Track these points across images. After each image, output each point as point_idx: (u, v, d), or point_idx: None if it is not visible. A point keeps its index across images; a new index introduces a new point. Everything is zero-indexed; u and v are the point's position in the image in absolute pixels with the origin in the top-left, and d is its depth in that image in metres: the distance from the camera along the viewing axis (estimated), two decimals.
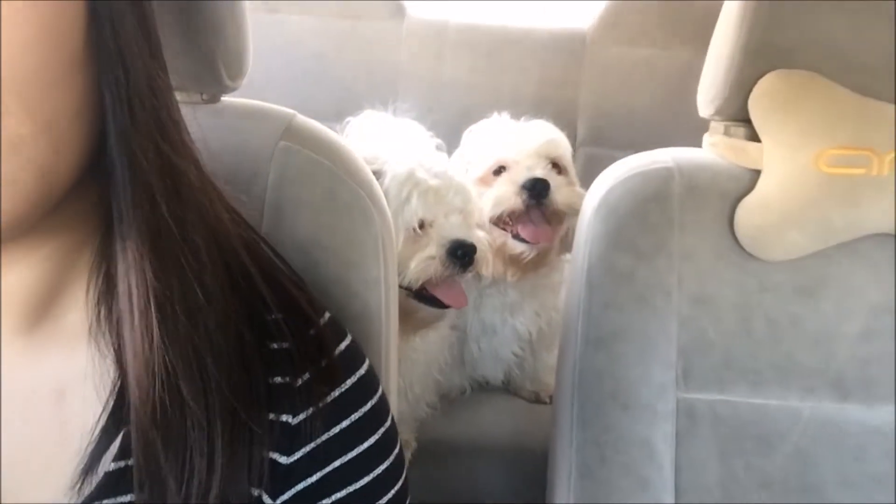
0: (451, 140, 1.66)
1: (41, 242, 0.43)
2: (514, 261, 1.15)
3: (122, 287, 0.42)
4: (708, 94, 0.81)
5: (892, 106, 0.74)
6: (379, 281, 0.65)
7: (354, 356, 0.52)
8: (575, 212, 1.15)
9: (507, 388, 1.33)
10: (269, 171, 0.65)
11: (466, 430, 1.19)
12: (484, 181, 1.18)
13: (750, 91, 0.77)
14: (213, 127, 0.64)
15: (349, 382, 0.50)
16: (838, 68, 0.75)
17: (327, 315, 0.53)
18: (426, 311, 0.98)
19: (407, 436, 1.12)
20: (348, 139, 1.24)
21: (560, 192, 1.13)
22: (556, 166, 1.18)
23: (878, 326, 0.78)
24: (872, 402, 0.78)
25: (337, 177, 0.66)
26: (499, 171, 1.17)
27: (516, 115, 1.72)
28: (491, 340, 1.24)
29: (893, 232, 0.76)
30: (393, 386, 0.70)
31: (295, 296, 0.50)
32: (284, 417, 0.47)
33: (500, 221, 1.15)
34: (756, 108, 0.77)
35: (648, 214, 0.78)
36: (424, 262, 0.94)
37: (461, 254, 0.96)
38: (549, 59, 1.74)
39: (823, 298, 0.78)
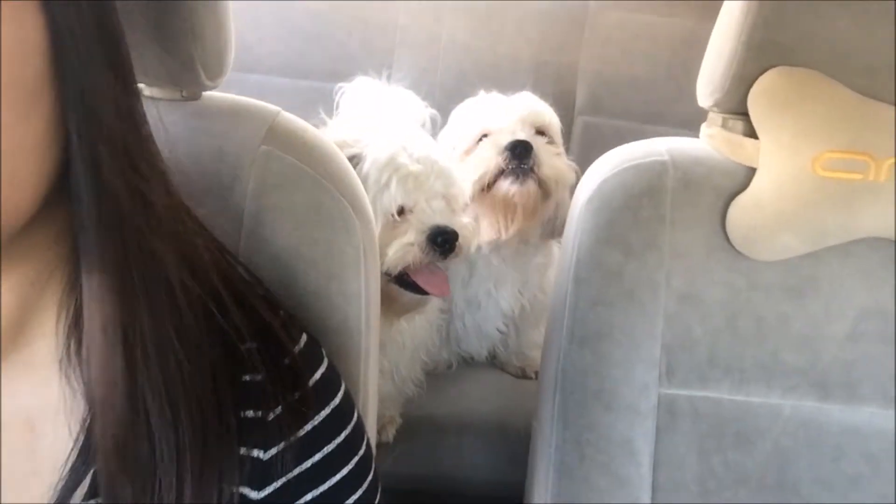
0: (446, 103, 1.63)
1: (6, 272, 0.42)
2: (503, 206, 1.12)
3: (90, 321, 0.41)
4: (707, 86, 0.79)
5: (893, 109, 0.72)
6: (359, 294, 0.64)
7: (329, 384, 0.52)
8: (561, 178, 1.14)
9: (493, 363, 1.34)
10: (250, 177, 0.63)
11: (451, 407, 1.20)
12: (469, 153, 1.16)
13: (750, 86, 0.75)
14: (193, 129, 0.63)
15: (323, 414, 0.49)
16: (840, 67, 0.73)
17: (304, 339, 0.52)
18: (408, 296, 0.97)
19: (392, 412, 1.13)
20: (338, 110, 1.22)
21: (544, 153, 1.11)
22: (543, 135, 1.15)
23: (865, 329, 0.78)
24: (853, 403, 0.78)
25: (320, 185, 0.64)
26: (483, 139, 1.15)
27: (514, 79, 1.69)
28: (475, 316, 1.24)
29: (888, 236, 0.75)
30: (372, 400, 0.69)
31: (270, 322, 0.49)
32: (255, 452, 0.46)
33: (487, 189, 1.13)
34: (755, 106, 0.75)
35: (640, 209, 0.77)
36: (403, 248, 0.93)
37: (441, 241, 0.94)
38: (549, 23, 1.69)
39: (812, 299, 0.78)
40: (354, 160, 0.90)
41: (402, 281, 0.96)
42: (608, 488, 0.75)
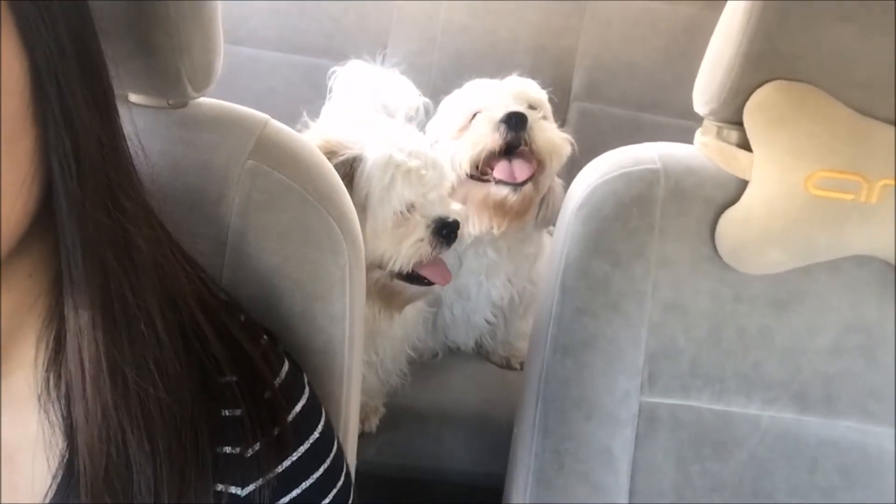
0: (441, 84, 1.61)
1: None
2: (498, 208, 1.12)
3: (72, 355, 0.41)
4: (704, 95, 0.78)
5: (892, 128, 0.71)
6: (344, 315, 0.63)
7: (310, 417, 0.51)
8: (557, 150, 1.13)
9: (479, 352, 1.35)
10: (235, 194, 0.61)
11: (434, 397, 1.20)
12: (463, 130, 1.14)
13: (747, 97, 0.74)
14: (179, 140, 0.61)
15: (302, 450, 0.49)
16: (840, 81, 0.72)
17: (285, 369, 0.52)
18: (412, 289, 0.97)
19: (376, 402, 1.14)
20: (331, 94, 1.20)
21: (538, 126, 1.10)
22: (535, 109, 1.14)
23: (847, 344, 0.79)
24: (831, 416, 0.79)
25: (307, 202, 0.62)
26: (476, 116, 1.13)
27: (511, 62, 1.66)
28: (464, 306, 1.24)
29: (876, 255, 0.75)
30: (353, 419, 0.69)
31: (251, 354, 0.49)
32: (233, 489, 0.47)
33: (478, 171, 1.12)
34: (751, 119, 0.74)
35: (630, 219, 0.77)
36: (414, 245, 0.93)
37: (446, 232, 0.95)
38: (549, 6, 1.66)
39: (797, 312, 0.78)
40: (356, 161, 0.89)
41: (409, 276, 0.96)
42: (586, 496, 0.76)
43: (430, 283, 0.99)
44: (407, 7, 1.65)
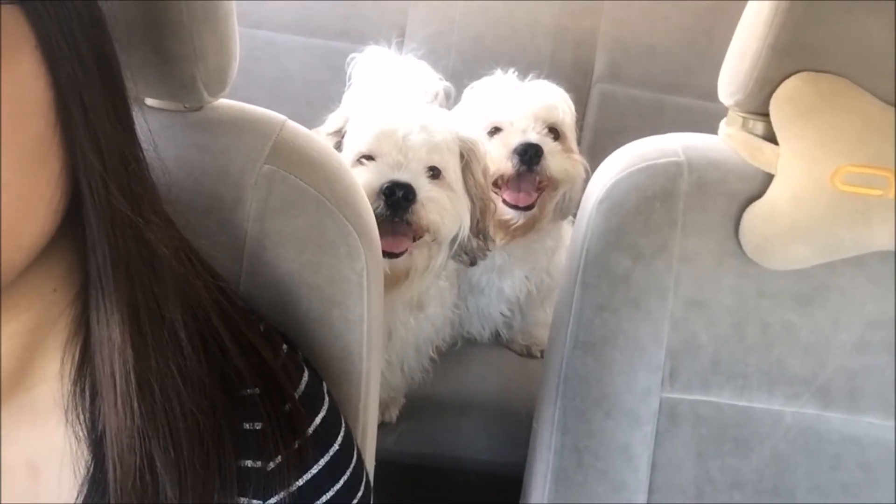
0: (461, 67, 1.59)
1: (7, 317, 0.42)
2: (503, 225, 1.13)
3: (101, 366, 0.42)
4: (729, 86, 0.77)
5: None
6: (362, 320, 0.63)
7: (330, 428, 0.51)
8: (570, 179, 1.13)
9: (498, 340, 1.34)
10: (252, 199, 0.61)
11: (454, 386, 1.20)
12: None
13: (774, 89, 0.73)
14: (194, 144, 0.61)
15: (322, 462, 0.49)
16: (869, 73, 0.71)
17: (304, 380, 0.51)
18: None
19: (397, 394, 1.14)
20: (350, 82, 1.19)
21: (553, 159, 1.10)
22: (555, 131, 1.13)
23: (872, 339, 0.77)
24: (854, 412, 0.78)
25: (323, 207, 0.62)
26: (494, 132, 1.13)
27: (532, 44, 1.63)
28: (478, 300, 1.24)
29: None
30: (372, 424, 0.69)
31: (271, 365, 0.49)
32: (255, 503, 0.47)
33: (492, 184, 1.12)
34: (777, 111, 0.72)
35: (652, 213, 0.76)
36: None
37: (395, 199, 0.88)
38: None
39: (821, 308, 0.77)
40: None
41: None
42: (605, 493, 0.76)
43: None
44: None
